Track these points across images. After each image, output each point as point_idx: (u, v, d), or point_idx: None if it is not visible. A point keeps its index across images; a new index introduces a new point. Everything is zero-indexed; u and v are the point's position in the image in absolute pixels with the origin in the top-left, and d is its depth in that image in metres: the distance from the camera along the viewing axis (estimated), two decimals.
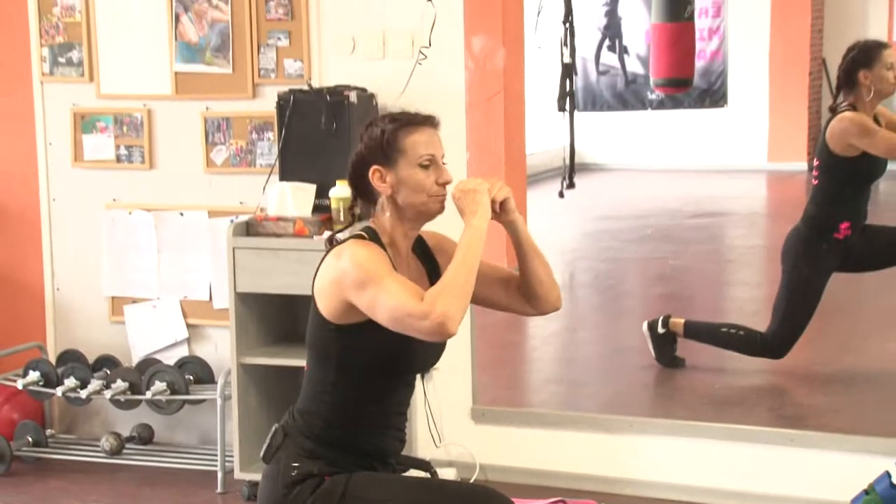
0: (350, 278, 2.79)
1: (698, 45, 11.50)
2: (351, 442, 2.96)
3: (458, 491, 3.07)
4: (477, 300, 3.01)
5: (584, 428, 4.72)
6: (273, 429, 3.01)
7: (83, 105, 5.12)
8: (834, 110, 5.31)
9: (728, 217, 10.42)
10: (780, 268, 5.48)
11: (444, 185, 2.93)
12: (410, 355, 2.94)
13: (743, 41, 12.11)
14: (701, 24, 11.72)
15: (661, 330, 5.74)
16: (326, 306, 2.87)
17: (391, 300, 2.75)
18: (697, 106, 12.30)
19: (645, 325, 5.80)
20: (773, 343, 5.48)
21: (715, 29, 12.16)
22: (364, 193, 2.96)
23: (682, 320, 5.74)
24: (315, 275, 2.92)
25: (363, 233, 2.92)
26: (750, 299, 7.67)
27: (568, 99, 7.53)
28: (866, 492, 4.07)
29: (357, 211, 3.07)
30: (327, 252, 2.92)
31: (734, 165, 12.05)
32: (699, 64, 11.68)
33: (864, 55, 5.24)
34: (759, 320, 6.57)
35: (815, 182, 5.42)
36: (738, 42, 12.13)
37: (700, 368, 5.88)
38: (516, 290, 3.07)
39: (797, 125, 11.99)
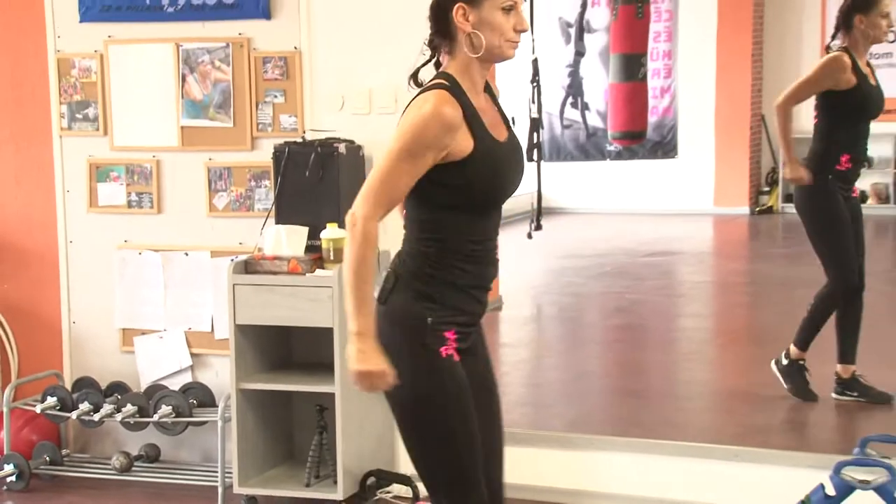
0: (399, 125, 2.78)
1: (651, 103, 11.59)
2: (455, 275, 2.87)
3: (471, 480, 2.89)
4: None
5: (551, 445, 4.72)
6: (384, 273, 2.92)
7: (98, 156, 5.12)
8: (829, 49, 5.29)
9: (678, 256, 10.47)
10: (801, 220, 5.44)
11: (520, 31, 2.84)
12: (496, 189, 2.87)
13: (691, 99, 12.19)
14: (653, 83, 11.80)
15: (785, 361, 5.48)
16: None
17: (374, 175, 2.77)
18: (651, 157, 12.37)
19: (772, 364, 5.54)
20: (843, 283, 5.34)
21: (666, 88, 12.25)
22: (443, 30, 2.85)
23: (793, 346, 5.46)
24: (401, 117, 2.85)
25: (445, 80, 2.82)
26: (699, 329, 7.70)
27: (535, 150, 7.56)
28: (803, 501, 4.07)
29: (436, 44, 2.89)
30: (417, 94, 2.84)
31: (683, 209, 12.12)
32: (652, 119, 11.76)
33: (864, 1, 5.19)
34: (708, 347, 6.60)
35: (814, 121, 5.40)
36: (687, 100, 12.22)
37: (653, 392, 5.89)
38: None
39: (740, 173, 12.08)
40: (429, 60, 2.92)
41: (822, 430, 5.22)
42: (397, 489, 4.67)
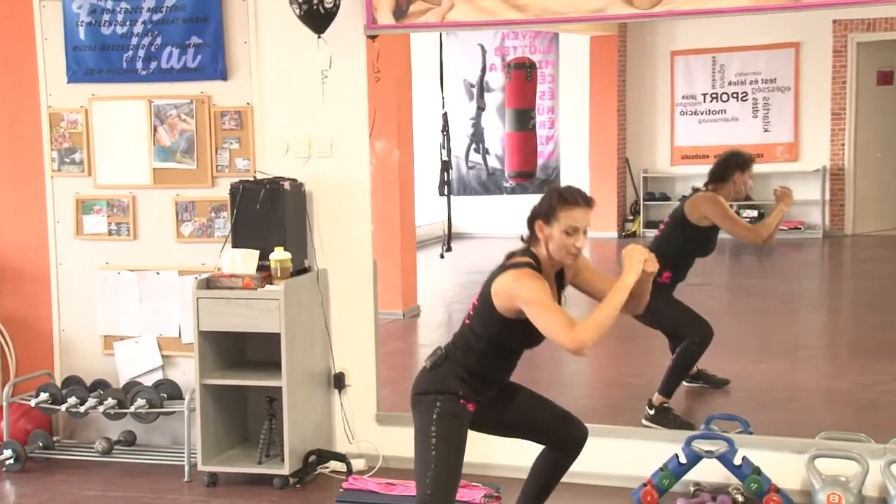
0: (524, 297, 3.06)
1: (539, 148, 11.65)
2: (488, 377, 3.28)
3: (443, 484, 3.21)
4: (587, 293, 3.38)
5: None
6: (439, 350, 3.30)
7: (83, 193, 5.01)
8: (697, 190, 5.06)
9: None
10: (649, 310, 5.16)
11: (577, 248, 3.15)
12: (533, 340, 3.21)
13: (570, 145, 12.29)
14: (541, 133, 11.87)
15: (651, 411, 5.01)
16: (500, 304, 3.13)
17: (551, 322, 3.02)
18: (539, 191, 12.22)
19: (644, 421, 4.99)
20: (702, 331, 5.00)
21: (551, 136, 12.33)
22: (532, 233, 3.22)
23: (657, 394, 5.05)
24: (494, 276, 3.18)
25: (531, 260, 3.17)
26: None
27: (446, 186, 7.55)
28: (661, 468, 4.10)
29: (527, 239, 3.26)
30: (507, 266, 3.17)
31: None
32: (540, 161, 11.83)
33: (744, 162, 5.02)
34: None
35: (658, 234, 5.13)
36: (567, 146, 12.31)
37: (543, 381, 5.87)
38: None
39: (609, 205, 12.19)
40: (526, 247, 3.24)
41: (676, 410, 5.24)
42: (334, 465, 4.61)
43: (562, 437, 3.47)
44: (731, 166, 5.03)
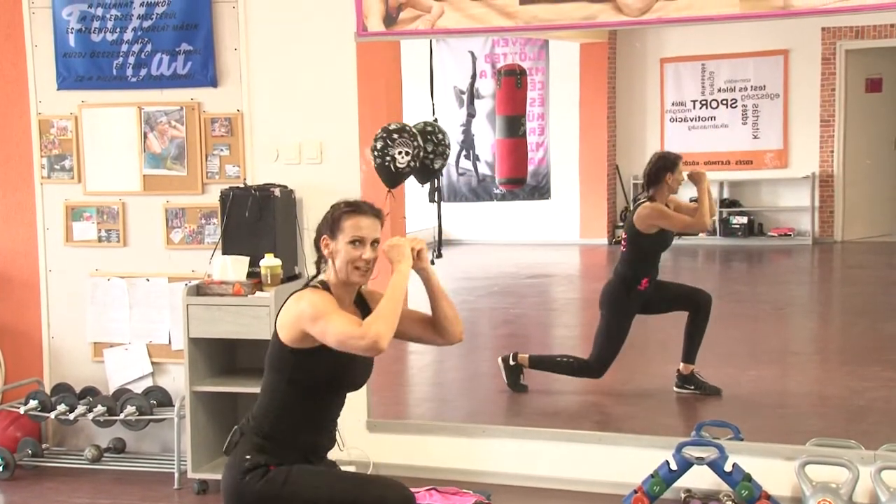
0: (307, 314, 2.77)
1: (529, 155, 11.65)
2: (292, 439, 2.88)
3: (370, 482, 2.96)
4: (400, 335, 2.92)
5: (450, 434, 4.68)
6: (234, 428, 2.96)
7: (73, 199, 4.99)
8: (636, 201, 5.41)
9: (552, 278, 10.53)
10: (599, 311, 5.47)
11: (364, 261, 2.86)
12: (344, 377, 2.90)
13: (560, 152, 12.30)
14: (531, 139, 11.87)
15: (511, 362, 5.64)
16: (286, 335, 2.83)
17: (338, 328, 2.72)
18: (529, 198, 12.42)
19: (500, 359, 5.70)
20: (595, 366, 5.46)
21: (541, 143, 12.34)
22: (320, 254, 2.94)
23: (527, 356, 5.66)
24: (278, 312, 2.89)
25: (318, 284, 2.90)
26: (569, 337, 7.72)
27: (436, 193, 7.55)
28: (652, 475, 4.10)
29: (322, 266, 2.97)
30: (290, 296, 2.89)
31: (556, 241, 12.20)
32: (530, 168, 11.82)
33: (671, 163, 5.32)
34: (576, 352, 6.60)
35: (623, 250, 5.46)
36: (557, 152, 12.32)
37: (532, 388, 5.88)
38: (430, 326, 3.01)
39: (599, 212, 12.21)
40: (313, 277, 2.97)
41: (667, 417, 5.25)
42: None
43: None
44: (660, 169, 5.35)
